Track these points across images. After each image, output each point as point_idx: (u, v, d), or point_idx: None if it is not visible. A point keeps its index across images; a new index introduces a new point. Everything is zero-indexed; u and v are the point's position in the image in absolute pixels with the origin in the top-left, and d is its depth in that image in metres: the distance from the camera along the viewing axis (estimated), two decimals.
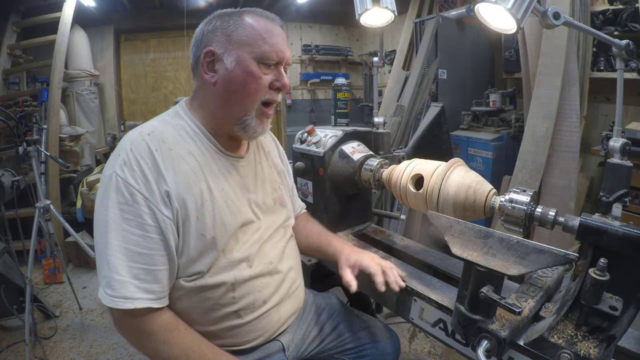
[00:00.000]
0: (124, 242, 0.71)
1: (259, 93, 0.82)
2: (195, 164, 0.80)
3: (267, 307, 0.88)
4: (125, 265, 0.71)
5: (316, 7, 4.81)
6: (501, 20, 0.85)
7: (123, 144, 0.78)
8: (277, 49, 0.81)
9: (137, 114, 4.92)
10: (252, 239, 0.87)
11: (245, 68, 0.79)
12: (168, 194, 0.74)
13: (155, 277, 0.73)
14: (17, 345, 1.97)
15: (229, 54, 0.80)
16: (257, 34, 0.80)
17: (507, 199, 0.78)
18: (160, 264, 0.74)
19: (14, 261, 2.06)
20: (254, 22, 0.81)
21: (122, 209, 0.72)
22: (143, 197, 0.73)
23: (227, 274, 0.81)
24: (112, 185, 0.73)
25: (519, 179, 2.12)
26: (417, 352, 1.91)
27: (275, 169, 1.02)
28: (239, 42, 0.79)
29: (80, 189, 3.08)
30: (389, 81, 3.53)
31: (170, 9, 4.49)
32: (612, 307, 0.59)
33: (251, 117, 0.83)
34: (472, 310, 0.69)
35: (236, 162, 0.89)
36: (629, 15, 2.21)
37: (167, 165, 0.76)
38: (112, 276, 0.71)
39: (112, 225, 0.71)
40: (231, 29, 0.80)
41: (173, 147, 0.79)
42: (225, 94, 0.81)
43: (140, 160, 0.74)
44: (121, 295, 0.70)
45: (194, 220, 0.77)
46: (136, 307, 0.71)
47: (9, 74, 3.36)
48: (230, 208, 0.83)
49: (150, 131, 0.79)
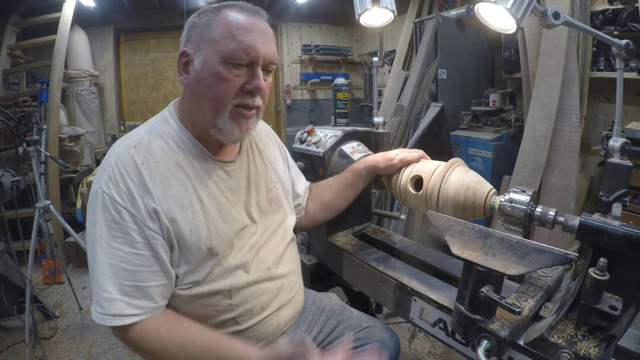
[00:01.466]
0: (112, 259, 0.70)
1: (227, 97, 0.74)
2: (184, 177, 0.77)
3: (265, 313, 0.86)
4: (113, 283, 0.70)
5: (316, 7, 4.81)
6: (501, 20, 0.85)
7: (109, 157, 0.75)
8: (247, 47, 0.72)
9: (137, 114, 4.92)
10: (248, 244, 0.85)
11: (212, 69, 0.72)
12: (155, 210, 0.72)
13: (146, 294, 0.72)
14: (17, 346, 1.98)
15: (198, 54, 0.74)
16: (227, 30, 0.72)
17: (506, 199, 0.78)
18: (151, 280, 0.72)
19: (14, 261, 2.06)
20: (230, 17, 0.73)
21: (110, 226, 0.70)
22: (129, 214, 0.71)
23: (223, 281, 0.80)
24: (98, 202, 0.71)
25: (519, 179, 2.12)
26: (417, 352, 1.91)
27: (270, 165, 0.98)
28: (208, 40, 0.73)
29: (80, 189, 3.08)
30: (388, 81, 3.52)
31: (170, 9, 4.49)
32: (612, 306, 0.59)
33: (224, 121, 0.76)
34: (472, 310, 0.69)
35: (227, 167, 0.85)
36: (628, 15, 2.21)
37: (154, 179, 0.74)
38: (101, 294, 0.70)
39: (100, 242, 0.70)
40: (204, 26, 0.74)
41: (160, 160, 0.76)
42: (196, 97, 0.77)
43: (125, 176, 0.72)
44: (110, 312, 0.69)
45: (188, 234, 0.75)
46: (125, 323, 0.70)
47: (8, 74, 3.36)
48: (223, 216, 0.81)
49: (136, 143, 0.76)
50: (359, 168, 1.06)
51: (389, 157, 1.00)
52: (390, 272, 0.99)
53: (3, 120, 2.01)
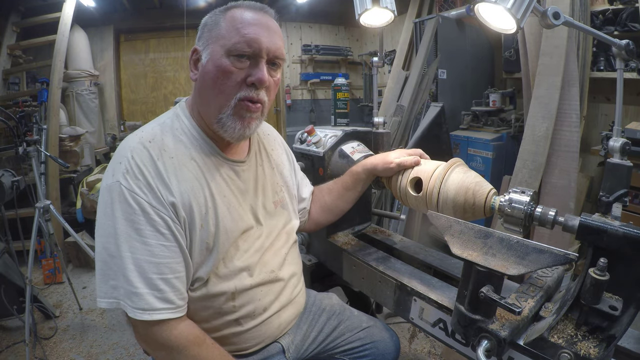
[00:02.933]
0: (138, 253, 0.69)
1: (231, 89, 0.75)
2: (197, 171, 0.78)
3: (267, 314, 0.87)
4: (141, 277, 0.69)
5: (316, 7, 4.81)
6: (501, 20, 0.85)
7: (123, 151, 0.75)
8: (249, 39, 0.73)
9: (137, 114, 4.92)
10: (253, 247, 0.85)
11: (215, 62, 0.74)
12: (174, 203, 0.73)
13: (173, 286, 0.72)
14: (17, 346, 1.98)
15: (206, 50, 0.76)
16: (232, 25, 0.74)
17: (506, 199, 0.78)
18: (177, 271, 0.73)
19: (14, 261, 2.06)
20: (236, 14, 0.76)
21: (132, 219, 0.69)
22: (151, 206, 0.70)
23: (228, 283, 0.80)
24: (116, 195, 0.70)
25: (519, 179, 2.12)
26: (417, 352, 1.91)
27: (277, 169, 0.99)
28: (216, 36, 0.75)
29: (80, 189, 3.08)
30: (388, 81, 3.52)
31: (170, 9, 4.49)
32: (612, 306, 0.59)
33: (227, 116, 0.76)
34: (472, 310, 0.69)
35: (237, 167, 0.86)
36: (628, 15, 2.21)
37: (170, 174, 0.74)
38: (129, 289, 0.69)
39: (123, 236, 0.69)
40: (213, 25, 0.77)
41: (174, 155, 0.76)
42: (202, 91, 0.78)
43: (143, 169, 0.72)
44: (140, 307, 0.69)
45: (199, 228, 0.76)
46: (153, 318, 0.69)
47: (9, 74, 3.36)
48: (232, 215, 0.81)
49: (151, 138, 0.76)
50: (358, 171, 1.06)
51: (387, 160, 1.00)
52: (390, 272, 0.99)
53: (3, 120, 2.01)
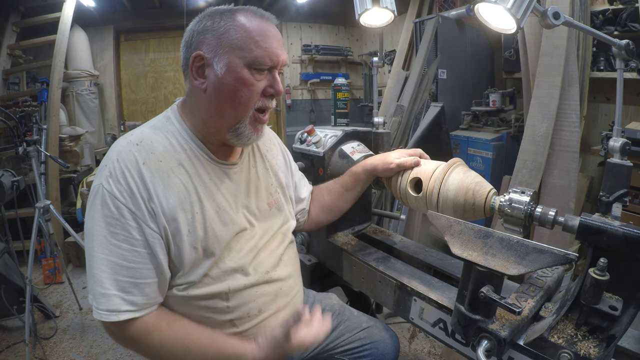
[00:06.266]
0: (110, 255, 0.70)
1: (252, 101, 0.77)
2: (185, 177, 0.78)
3: (263, 316, 0.86)
4: (110, 279, 0.70)
5: (316, 7, 4.81)
6: (501, 20, 0.85)
7: (110, 154, 0.76)
8: (270, 53, 0.76)
9: (137, 114, 4.93)
10: (246, 247, 0.85)
11: (237, 75, 0.75)
12: (154, 210, 0.73)
13: (142, 290, 0.72)
14: (17, 346, 1.98)
15: (219, 59, 0.75)
16: (249, 36, 0.75)
17: (506, 200, 0.78)
18: (147, 277, 0.73)
19: (14, 261, 2.06)
20: (246, 22, 0.76)
21: (109, 222, 0.71)
22: (129, 211, 0.71)
23: (221, 284, 0.80)
24: (98, 198, 0.72)
25: (519, 179, 2.12)
26: (417, 352, 1.91)
27: (272, 170, 0.98)
28: (230, 45, 0.75)
29: (80, 189, 3.08)
30: (388, 81, 3.52)
31: (170, 9, 4.50)
32: (612, 306, 0.59)
33: (244, 125, 0.79)
34: (472, 310, 0.69)
35: (228, 170, 0.86)
36: (628, 15, 2.21)
37: (155, 179, 0.74)
38: (97, 289, 0.70)
39: (98, 238, 0.71)
40: (222, 31, 0.75)
41: (162, 159, 0.76)
42: (216, 102, 0.77)
43: (126, 173, 0.72)
44: (105, 308, 0.70)
45: (186, 234, 0.76)
46: (120, 319, 0.70)
47: (9, 74, 3.36)
48: (222, 219, 0.81)
49: (139, 140, 0.76)
50: (358, 171, 1.06)
51: (387, 161, 1.00)
52: (390, 272, 0.99)
53: (3, 120, 2.01)
